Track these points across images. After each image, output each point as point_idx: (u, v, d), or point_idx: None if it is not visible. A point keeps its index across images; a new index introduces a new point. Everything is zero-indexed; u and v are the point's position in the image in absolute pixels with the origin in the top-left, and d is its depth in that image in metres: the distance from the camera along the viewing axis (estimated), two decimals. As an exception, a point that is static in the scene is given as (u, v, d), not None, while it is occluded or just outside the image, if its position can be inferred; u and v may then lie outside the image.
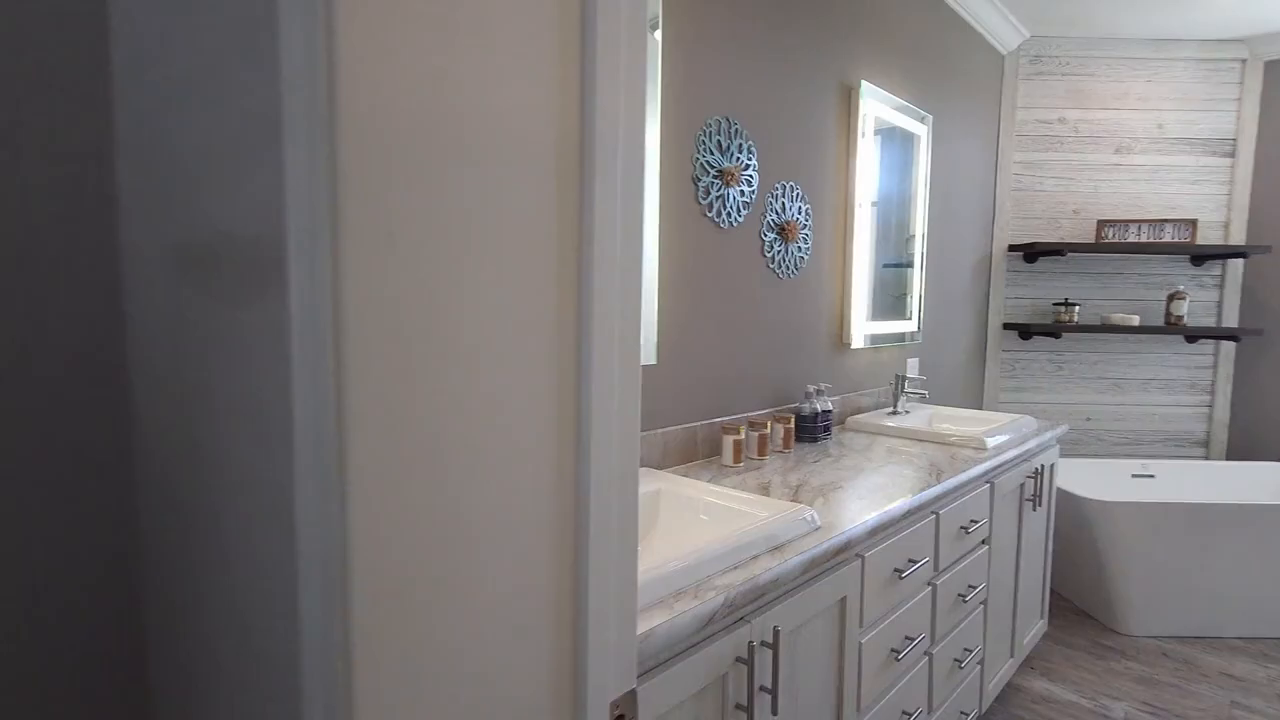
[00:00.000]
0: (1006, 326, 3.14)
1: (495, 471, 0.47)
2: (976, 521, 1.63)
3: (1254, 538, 2.33)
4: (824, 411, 1.90)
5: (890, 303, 2.37)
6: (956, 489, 1.55)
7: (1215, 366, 3.17)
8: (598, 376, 0.53)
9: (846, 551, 1.16)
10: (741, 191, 1.72)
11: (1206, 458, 3.19)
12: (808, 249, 1.98)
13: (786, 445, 1.76)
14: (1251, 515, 2.30)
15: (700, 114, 1.59)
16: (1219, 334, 2.98)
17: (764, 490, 1.40)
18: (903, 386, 2.23)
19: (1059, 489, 2.56)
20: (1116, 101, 3.09)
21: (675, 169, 1.54)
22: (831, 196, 2.07)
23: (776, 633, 0.99)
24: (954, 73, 2.71)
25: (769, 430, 1.71)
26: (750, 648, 0.95)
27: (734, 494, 1.26)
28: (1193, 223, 2.99)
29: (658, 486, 1.34)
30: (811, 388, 1.90)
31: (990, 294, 3.14)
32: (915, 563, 1.36)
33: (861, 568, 1.22)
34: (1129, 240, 3.04)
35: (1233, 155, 3.10)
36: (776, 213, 1.85)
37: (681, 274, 1.58)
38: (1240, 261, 3.11)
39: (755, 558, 1.03)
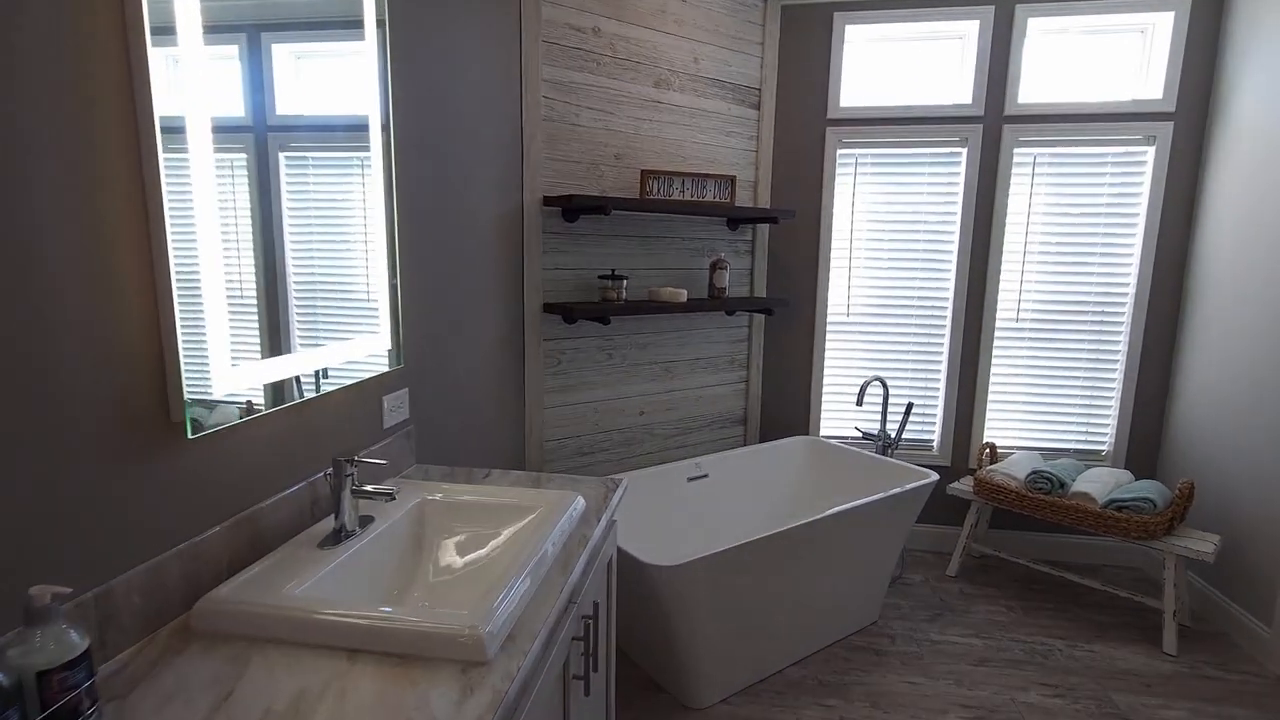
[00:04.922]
0: (548, 309, 2.31)
1: None
2: None
3: (789, 558, 2.01)
4: (71, 668, 0.64)
5: (326, 308, 1.20)
6: None
7: (749, 340, 2.95)
8: None
9: None
10: None
11: (744, 437, 3.00)
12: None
13: None
14: (791, 537, 1.95)
15: None
16: (753, 306, 2.70)
17: None
18: (348, 482, 1.10)
19: (618, 549, 1.85)
20: (654, 20, 2.46)
21: None
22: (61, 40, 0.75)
23: None
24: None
25: None
26: None
27: None
28: (732, 180, 2.59)
29: None
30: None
31: (525, 265, 2.25)
32: None
33: None
34: (674, 197, 2.49)
35: (758, 107, 2.82)
36: None
37: None
38: (767, 226, 2.90)
39: None
